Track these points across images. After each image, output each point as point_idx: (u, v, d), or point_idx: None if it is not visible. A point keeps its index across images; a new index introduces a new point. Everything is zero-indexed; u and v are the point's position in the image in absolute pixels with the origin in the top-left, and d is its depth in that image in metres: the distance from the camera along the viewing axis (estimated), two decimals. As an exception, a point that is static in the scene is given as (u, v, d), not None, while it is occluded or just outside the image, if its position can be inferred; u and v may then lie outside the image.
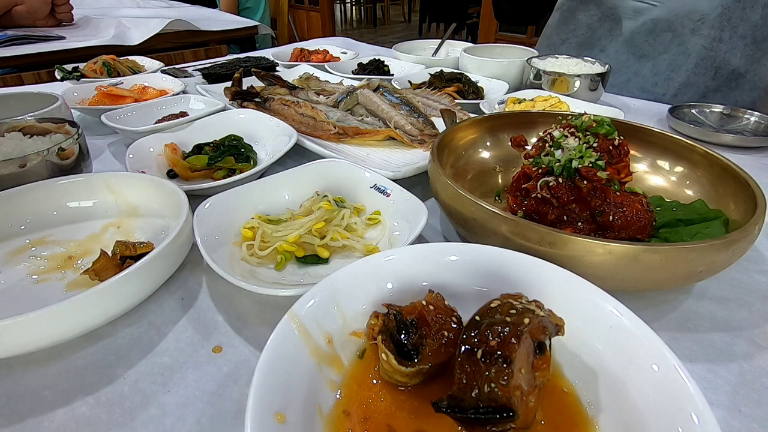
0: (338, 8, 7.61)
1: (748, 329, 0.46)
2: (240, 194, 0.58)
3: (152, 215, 0.59)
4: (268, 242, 0.53)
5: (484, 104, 0.95)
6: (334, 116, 0.87)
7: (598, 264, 0.40)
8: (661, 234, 0.53)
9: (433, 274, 0.42)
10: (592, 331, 0.36)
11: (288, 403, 0.30)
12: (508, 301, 0.33)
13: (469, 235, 0.50)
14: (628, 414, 0.31)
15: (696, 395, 0.29)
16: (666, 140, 0.63)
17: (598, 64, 1.06)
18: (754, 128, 0.88)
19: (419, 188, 0.65)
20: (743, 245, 0.42)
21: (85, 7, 2.18)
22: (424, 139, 0.82)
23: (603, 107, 0.93)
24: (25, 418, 0.37)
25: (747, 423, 0.37)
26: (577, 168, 0.49)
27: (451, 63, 1.31)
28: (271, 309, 0.47)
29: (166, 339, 0.44)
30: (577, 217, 0.50)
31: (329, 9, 5.07)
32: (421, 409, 0.33)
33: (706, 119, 0.94)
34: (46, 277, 0.51)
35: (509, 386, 0.28)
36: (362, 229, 0.57)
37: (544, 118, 0.70)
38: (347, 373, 0.36)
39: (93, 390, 0.39)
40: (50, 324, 0.38)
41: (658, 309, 0.48)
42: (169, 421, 0.37)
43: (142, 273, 0.42)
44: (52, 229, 0.57)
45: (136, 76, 1.16)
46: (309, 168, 0.64)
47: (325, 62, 1.34)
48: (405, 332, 0.35)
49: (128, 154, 0.70)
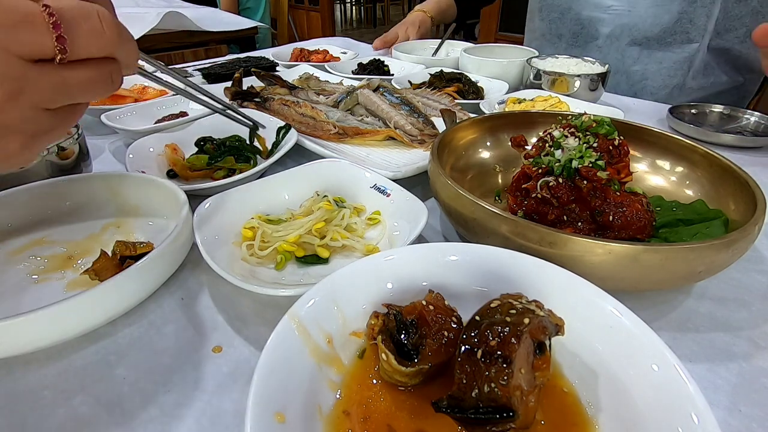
0: (338, 8, 7.60)
1: (748, 329, 0.46)
2: (240, 194, 0.58)
3: (152, 215, 0.59)
4: (268, 242, 0.53)
5: (484, 104, 0.95)
6: (334, 116, 0.87)
7: (598, 264, 0.40)
8: (661, 234, 0.53)
9: (433, 274, 0.42)
10: (592, 331, 0.36)
11: (288, 403, 0.30)
12: (508, 301, 0.33)
13: (469, 235, 0.50)
14: (628, 414, 0.31)
15: (696, 395, 0.29)
16: (666, 140, 0.63)
17: (598, 64, 1.06)
18: (754, 128, 0.88)
19: (419, 188, 0.65)
20: (743, 245, 0.42)
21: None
22: (424, 139, 0.82)
23: (603, 107, 0.93)
24: (25, 418, 0.37)
25: (747, 423, 0.37)
26: (577, 168, 0.49)
27: (451, 63, 1.31)
28: (271, 309, 0.47)
29: (166, 339, 0.44)
30: (577, 217, 0.50)
31: (329, 9, 5.07)
32: (421, 409, 0.33)
33: (706, 119, 0.94)
34: (46, 277, 0.51)
35: (509, 386, 0.28)
36: (362, 229, 0.57)
37: (544, 118, 0.70)
38: (347, 373, 0.36)
39: (93, 390, 0.39)
40: (50, 324, 0.37)
41: (658, 309, 0.48)
42: (169, 421, 0.37)
43: (142, 273, 0.42)
44: (52, 229, 0.57)
45: (136, 76, 1.16)
46: (309, 168, 0.64)
47: (325, 62, 1.34)
48: (405, 332, 0.35)
49: (128, 154, 0.70)
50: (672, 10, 1.08)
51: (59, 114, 0.32)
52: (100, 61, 0.31)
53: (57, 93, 0.30)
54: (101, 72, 0.31)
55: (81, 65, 0.30)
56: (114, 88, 0.33)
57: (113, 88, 0.33)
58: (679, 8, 1.08)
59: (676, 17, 1.08)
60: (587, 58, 1.09)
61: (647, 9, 1.11)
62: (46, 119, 0.31)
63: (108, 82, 0.32)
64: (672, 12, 1.09)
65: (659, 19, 1.11)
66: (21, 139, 0.30)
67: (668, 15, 1.09)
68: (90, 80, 0.31)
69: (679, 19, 1.09)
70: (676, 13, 1.08)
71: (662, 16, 1.10)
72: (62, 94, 0.30)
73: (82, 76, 0.30)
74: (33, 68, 0.28)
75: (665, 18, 1.10)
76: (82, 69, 0.30)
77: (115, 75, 0.33)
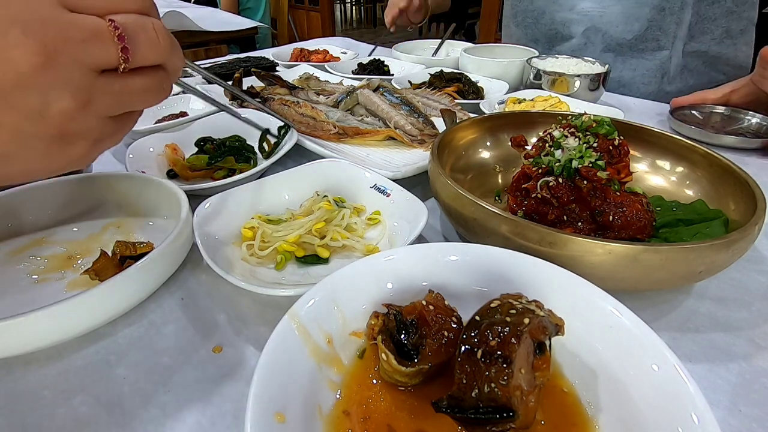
0: (338, 8, 7.60)
1: (748, 329, 0.46)
2: (240, 194, 0.58)
3: (152, 215, 0.59)
4: (268, 242, 0.53)
5: (484, 104, 0.95)
6: (334, 116, 0.87)
7: (598, 264, 0.40)
8: (661, 234, 0.53)
9: (433, 274, 0.42)
10: (592, 331, 0.36)
11: (288, 403, 0.30)
12: (508, 301, 0.33)
13: (469, 235, 0.50)
14: (628, 414, 0.31)
15: (696, 395, 0.29)
16: (666, 140, 0.63)
17: (598, 64, 1.06)
18: (756, 129, 0.88)
19: (419, 188, 0.65)
20: (743, 245, 0.42)
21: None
22: (424, 139, 0.82)
23: (603, 107, 0.93)
24: (25, 418, 0.37)
25: (747, 423, 0.37)
26: (577, 168, 0.49)
27: (451, 63, 1.31)
28: (271, 309, 0.47)
29: (166, 339, 0.44)
30: (577, 217, 0.50)
31: (329, 9, 5.06)
32: (421, 409, 0.33)
33: (708, 120, 0.94)
34: (46, 277, 0.51)
35: (509, 386, 0.28)
36: (362, 229, 0.57)
37: (544, 118, 0.70)
38: (347, 373, 0.36)
39: (93, 390, 0.39)
40: (50, 324, 0.38)
41: (658, 309, 0.48)
42: (169, 421, 0.37)
43: (142, 273, 0.42)
44: (52, 229, 0.57)
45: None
46: (309, 168, 0.64)
47: (325, 62, 1.34)
48: (405, 332, 0.35)
49: (128, 154, 0.70)
50: (641, 18, 1.08)
51: (119, 121, 0.34)
52: (152, 69, 0.33)
53: (119, 101, 0.32)
54: (154, 80, 0.33)
55: (138, 74, 0.32)
56: (165, 95, 0.35)
57: (164, 95, 0.35)
58: (648, 15, 1.07)
59: (645, 25, 1.08)
60: (587, 58, 1.09)
61: (618, 15, 1.10)
62: (108, 126, 0.33)
63: (160, 89, 0.34)
64: (641, 19, 1.08)
65: (630, 26, 1.10)
66: (86, 144, 0.32)
67: (638, 23, 1.09)
68: (145, 88, 0.33)
69: (649, 26, 1.08)
70: (646, 21, 1.08)
71: (632, 24, 1.10)
72: (123, 102, 0.32)
73: (139, 84, 0.32)
74: (100, 78, 0.30)
75: (635, 25, 1.09)
76: (139, 77, 0.32)
77: (165, 83, 0.34)
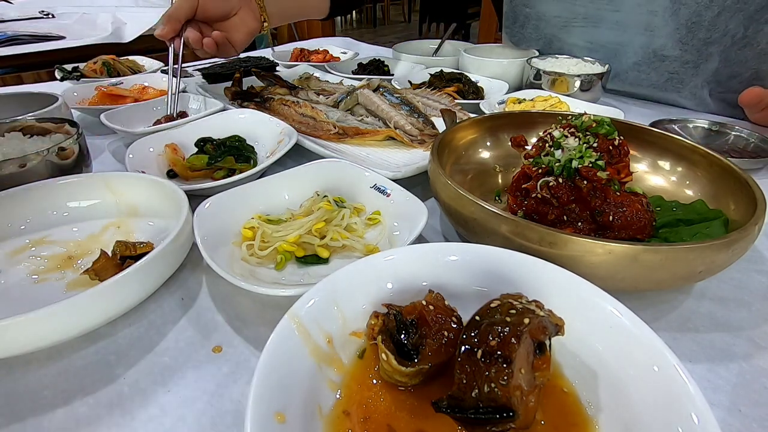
0: (338, 8, 7.59)
1: (748, 329, 0.46)
2: (240, 194, 0.58)
3: (152, 215, 0.59)
4: (268, 242, 0.53)
5: (484, 104, 0.95)
6: (334, 116, 0.87)
7: (598, 264, 0.40)
8: (661, 234, 0.53)
9: (433, 274, 0.42)
10: (592, 331, 0.36)
11: (288, 403, 0.30)
12: (508, 301, 0.33)
13: (469, 235, 0.50)
14: (628, 414, 0.31)
15: (696, 395, 0.29)
16: (666, 140, 0.63)
17: (598, 64, 1.06)
18: (743, 146, 0.84)
19: (419, 188, 0.65)
20: (743, 245, 0.42)
21: (82, 6, 2.17)
22: (424, 139, 0.82)
23: (603, 107, 0.93)
24: (25, 418, 0.37)
25: (747, 423, 0.37)
26: (577, 168, 0.49)
27: (451, 63, 1.31)
28: (271, 309, 0.47)
29: (166, 339, 0.44)
30: (577, 217, 0.50)
31: (329, 9, 5.06)
32: (421, 409, 0.33)
33: (691, 136, 0.90)
34: (46, 277, 0.51)
35: (509, 386, 0.28)
36: (362, 229, 0.57)
37: (544, 118, 0.70)
38: (347, 373, 0.36)
39: (93, 390, 0.39)
40: (50, 324, 0.38)
41: (658, 309, 0.48)
42: (169, 421, 0.37)
43: (142, 273, 0.42)
44: (52, 229, 0.57)
45: (136, 76, 1.16)
46: (309, 168, 0.64)
47: (325, 62, 1.34)
48: (405, 332, 0.35)
49: (128, 154, 0.70)
50: (661, 70, 1.07)
51: None
52: None
53: None
54: None
55: None
56: None
57: None
58: (670, 68, 1.05)
59: (666, 77, 1.07)
60: (587, 59, 1.09)
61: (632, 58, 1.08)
62: None
63: None
64: (661, 72, 1.07)
65: (650, 80, 1.09)
66: None
67: (656, 74, 1.07)
68: None
69: (670, 78, 1.07)
70: (666, 74, 1.06)
71: (651, 76, 1.08)
72: None
73: None
74: None
75: (653, 77, 1.08)
76: None
77: None
